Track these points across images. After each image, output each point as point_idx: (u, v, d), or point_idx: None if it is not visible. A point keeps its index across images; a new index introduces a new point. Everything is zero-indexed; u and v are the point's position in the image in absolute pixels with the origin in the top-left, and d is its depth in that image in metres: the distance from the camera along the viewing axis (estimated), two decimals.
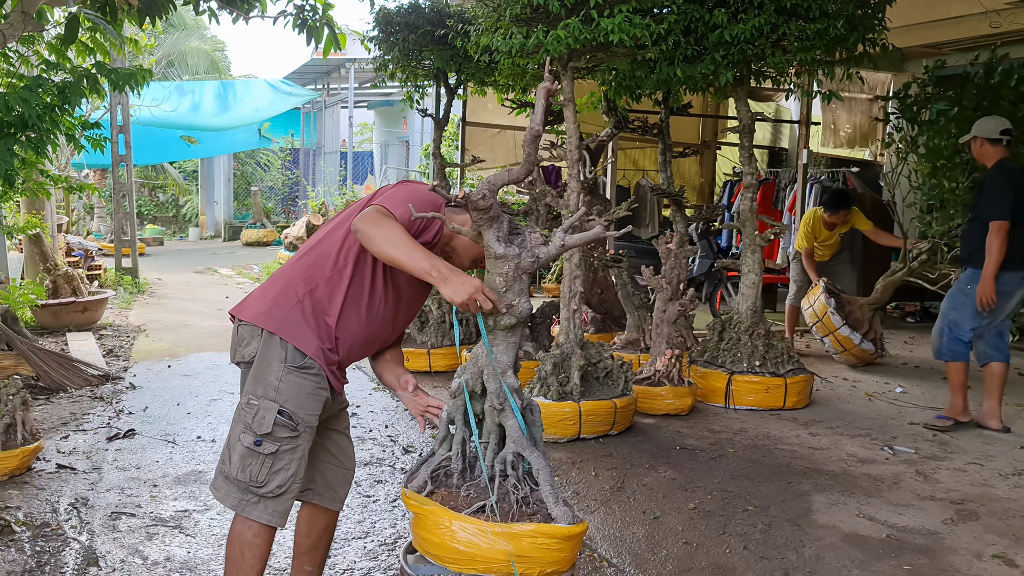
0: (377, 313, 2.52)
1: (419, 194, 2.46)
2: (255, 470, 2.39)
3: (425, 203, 2.45)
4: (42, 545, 3.54)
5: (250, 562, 2.46)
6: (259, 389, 2.41)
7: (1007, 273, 5.09)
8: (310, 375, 2.42)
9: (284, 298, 2.45)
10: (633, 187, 11.26)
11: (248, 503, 2.42)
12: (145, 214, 24.82)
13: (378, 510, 4.00)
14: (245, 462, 2.40)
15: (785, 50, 5.30)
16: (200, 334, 8.73)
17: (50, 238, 9.55)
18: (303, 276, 2.47)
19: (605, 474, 4.32)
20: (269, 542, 2.50)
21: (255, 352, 2.43)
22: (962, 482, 4.24)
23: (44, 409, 5.58)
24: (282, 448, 2.40)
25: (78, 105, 5.23)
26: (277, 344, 2.41)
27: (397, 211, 2.37)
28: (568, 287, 5.10)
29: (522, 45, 4.74)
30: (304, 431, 2.43)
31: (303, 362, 2.41)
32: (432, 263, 2.28)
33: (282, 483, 2.41)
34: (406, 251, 2.28)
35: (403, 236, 2.31)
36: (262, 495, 2.41)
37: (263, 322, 2.42)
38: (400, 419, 5.58)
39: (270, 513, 2.44)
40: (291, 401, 2.39)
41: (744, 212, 5.85)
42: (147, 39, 9.18)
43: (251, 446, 2.38)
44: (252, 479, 2.39)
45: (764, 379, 5.55)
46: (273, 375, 2.40)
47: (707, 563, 3.35)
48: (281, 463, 2.40)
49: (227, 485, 2.45)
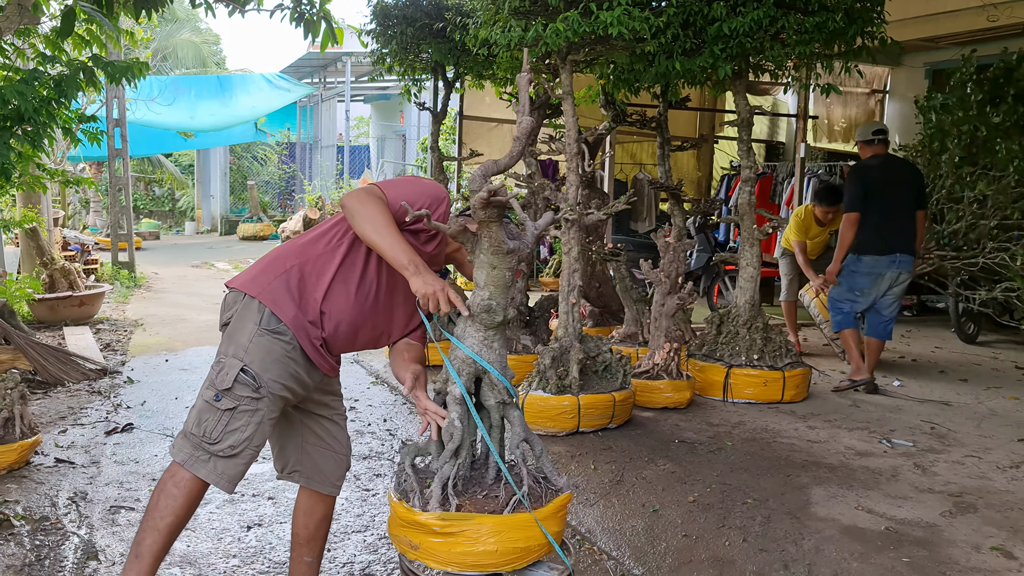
0: (368, 296, 2.53)
1: (423, 183, 2.49)
2: (210, 426, 2.35)
3: (424, 193, 2.46)
4: (41, 539, 3.53)
5: (162, 510, 2.37)
6: (230, 349, 2.42)
7: (868, 257, 5.99)
8: (281, 340, 2.42)
9: (272, 268, 2.49)
10: (631, 181, 11.26)
11: (198, 459, 2.36)
12: (141, 208, 24.77)
13: (377, 504, 4.00)
14: (202, 416, 2.37)
15: (784, 43, 5.29)
16: (197, 328, 8.72)
17: (46, 232, 9.53)
18: (296, 251, 2.52)
19: (604, 467, 4.33)
20: (189, 496, 2.39)
21: (232, 315, 2.48)
22: (960, 475, 4.25)
23: (42, 403, 5.57)
24: (240, 407, 2.36)
25: (74, 98, 5.21)
26: (255, 308, 2.43)
27: (390, 193, 2.38)
28: (567, 281, 5.10)
29: (521, 38, 4.72)
30: (266, 396, 2.39)
31: (276, 327, 2.41)
32: (409, 257, 2.31)
33: (235, 444, 2.36)
34: (387, 238, 2.30)
35: (387, 221, 2.32)
36: (213, 452, 2.36)
37: (247, 287, 2.47)
38: (399, 413, 5.58)
39: (218, 474, 2.37)
40: (257, 363, 2.38)
41: (742, 206, 5.84)
42: (143, 32, 9.14)
43: (210, 400, 2.37)
44: (206, 434, 2.35)
45: (762, 372, 5.55)
46: (245, 336, 2.41)
47: (706, 556, 3.35)
48: (238, 423, 2.36)
49: (182, 440, 2.40)
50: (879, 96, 11.42)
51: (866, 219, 5.96)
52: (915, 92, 9.31)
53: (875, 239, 5.96)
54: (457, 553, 2.38)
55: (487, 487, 2.52)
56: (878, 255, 5.95)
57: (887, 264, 5.96)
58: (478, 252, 2.47)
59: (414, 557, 2.43)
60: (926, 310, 9.62)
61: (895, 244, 5.97)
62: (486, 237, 2.43)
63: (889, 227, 5.99)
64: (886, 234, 5.96)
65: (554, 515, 2.51)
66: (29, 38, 5.97)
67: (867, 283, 6.02)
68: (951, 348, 7.77)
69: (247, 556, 3.42)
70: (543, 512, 2.46)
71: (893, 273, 5.98)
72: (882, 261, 5.95)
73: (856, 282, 6.08)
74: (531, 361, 5.42)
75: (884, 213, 5.96)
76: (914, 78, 10.36)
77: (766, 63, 5.79)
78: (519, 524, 2.41)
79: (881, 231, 5.94)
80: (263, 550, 3.48)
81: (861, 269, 6.04)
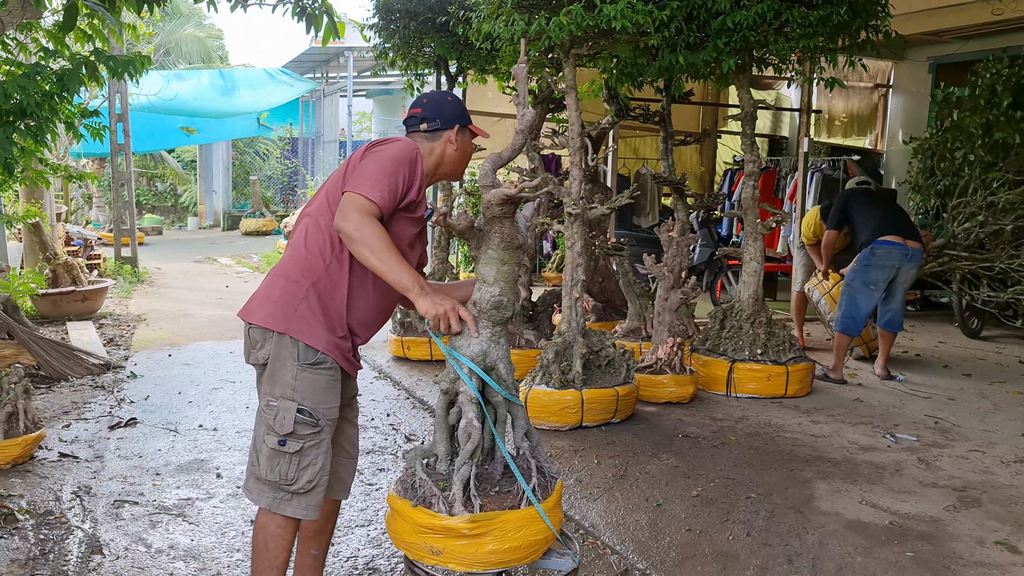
0: (385, 284, 2.50)
1: (392, 158, 2.42)
2: (283, 469, 2.42)
3: (399, 167, 2.41)
4: (46, 533, 3.54)
5: (274, 552, 2.49)
6: (276, 390, 2.42)
7: (882, 249, 6.11)
8: (324, 370, 2.44)
9: (289, 296, 2.45)
10: (633, 175, 11.24)
11: (281, 500, 2.45)
12: (144, 203, 24.78)
13: (380, 498, 4.00)
14: (273, 462, 2.42)
15: (788, 37, 5.28)
16: (200, 323, 8.73)
17: (49, 227, 9.53)
18: (302, 270, 2.46)
19: (607, 462, 4.32)
20: (293, 532, 2.51)
21: (268, 354, 2.45)
22: (964, 469, 4.24)
23: (45, 398, 5.58)
24: (307, 445, 2.43)
25: (77, 93, 5.20)
26: (288, 343, 2.42)
27: (376, 195, 2.33)
28: (570, 275, 5.09)
29: (524, 32, 4.71)
30: (325, 425, 2.46)
31: (316, 358, 2.42)
32: (413, 280, 2.32)
33: (311, 478, 2.45)
34: (388, 264, 2.29)
35: (384, 245, 2.30)
36: (294, 492, 2.44)
37: (272, 323, 2.43)
38: (402, 407, 5.58)
39: (304, 508, 2.47)
40: (309, 398, 2.41)
41: (746, 200, 5.83)
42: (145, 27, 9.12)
43: (276, 447, 2.41)
44: (282, 478, 2.42)
45: (766, 367, 5.54)
46: (288, 374, 2.41)
47: (710, 550, 3.35)
48: (308, 459, 2.43)
49: (259, 486, 2.46)
50: (883, 90, 11.39)
51: (869, 217, 6.17)
52: (919, 86, 9.31)
53: (887, 226, 6.09)
54: (484, 553, 2.37)
55: (496, 482, 2.51)
56: (893, 245, 6.03)
57: (901, 256, 6.02)
58: (486, 248, 2.46)
59: (434, 562, 2.41)
60: (929, 305, 9.61)
61: (908, 233, 6.10)
62: (497, 233, 2.42)
63: (895, 220, 6.14)
64: (896, 226, 6.10)
65: (556, 504, 2.54)
66: (31, 32, 5.96)
67: (881, 276, 6.07)
68: (955, 343, 7.76)
69: (251, 551, 3.41)
70: (549, 503, 2.48)
71: (907, 269, 6.09)
72: (896, 252, 6.02)
73: (870, 275, 6.09)
74: (534, 356, 5.42)
75: (885, 211, 6.18)
76: (918, 72, 10.33)
77: (770, 57, 5.77)
78: (537, 516, 2.42)
79: (892, 220, 6.12)
80: None
81: (875, 262, 6.07)
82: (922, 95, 10.09)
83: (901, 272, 6.11)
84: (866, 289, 6.10)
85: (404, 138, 2.57)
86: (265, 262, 14.68)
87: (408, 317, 6.89)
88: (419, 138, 2.65)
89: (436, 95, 2.75)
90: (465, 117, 2.70)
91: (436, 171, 2.68)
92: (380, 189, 2.35)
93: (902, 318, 6.28)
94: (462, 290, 2.69)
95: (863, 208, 6.32)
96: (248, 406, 5.52)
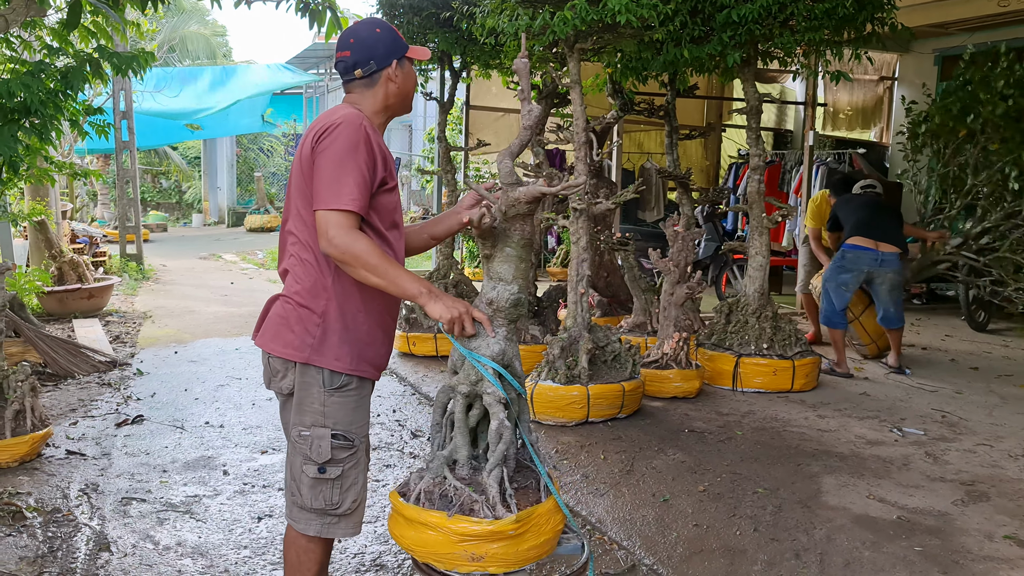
0: None
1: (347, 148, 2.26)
2: (328, 495, 2.39)
3: (358, 155, 2.26)
4: (54, 530, 3.55)
5: (307, 565, 2.47)
6: (307, 419, 2.38)
7: (851, 253, 6.19)
8: (351, 391, 2.40)
9: (306, 322, 2.36)
10: (638, 170, 11.23)
11: (330, 525, 2.42)
12: (148, 200, 24.81)
13: (386, 494, 4.00)
14: (316, 491, 2.39)
15: (793, 30, 5.26)
16: (206, 320, 8.73)
17: (55, 225, 9.53)
18: (310, 294, 2.36)
19: (614, 457, 4.32)
20: (325, 545, 2.49)
21: (292, 384, 2.40)
22: (972, 463, 4.23)
23: (52, 395, 5.59)
24: (346, 468, 2.40)
25: (81, 90, 5.21)
26: (313, 372, 2.36)
27: (347, 202, 2.20)
28: (575, 270, 5.08)
29: (528, 26, 4.70)
30: (360, 444, 2.44)
31: (340, 382, 2.37)
32: (419, 286, 2.27)
33: (356, 497, 2.43)
34: (388, 277, 2.23)
35: (378, 260, 2.21)
36: (341, 515, 2.42)
37: (293, 355, 2.37)
38: (407, 403, 5.58)
39: (353, 527, 2.46)
40: (342, 423, 2.38)
41: (751, 194, 5.81)
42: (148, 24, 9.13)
43: (317, 475, 2.37)
44: (328, 503, 2.39)
45: (772, 361, 5.53)
46: (317, 402, 2.37)
47: (717, 545, 3.35)
48: (349, 480, 2.41)
49: (305, 515, 2.42)
50: (888, 83, 11.35)
51: (848, 218, 6.33)
52: (924, 79, 9.26)
53: (861, 229, 6.19)
54: (524, 550, 2.35)
55: (511, 479, 2.50)
56: (861, 250, 6.10)
57: (870, 260, 6.08)
58: (503, 246, 2.41)
59: (472, 569, 2.34)
60: (935, 298, 9.59)
61: (884, 237, 6.13)
62: (518, 231, 2.39)
63: (873, 223, 6.20)
64: (871, 229, 6.16)
65: (559, 489, 2.55)
66: (36, 30, 5.97)
67: (850, 279, 6.15)
68: (961, 336, 7.73)
69: (258, 547, 3.42)
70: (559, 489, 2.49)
71: (881, 272, 6.11)
72: (864, 257, 6.08)
73: (840, 277, 6.19)
74: (540, 351, 5.41)
75: (866, 213, 6.26)
76: (923, 64, 10.28)
77: (775, 50, 5.75)
78: (556, 506, 2.42)
79: (867, 226, 6.19)
80: (274, 541, 3.48)
81: (845, 265, 6.16)
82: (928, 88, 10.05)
83: (876, 275, 6.13)
84: (839, 289, 6.19)
85: (343, 113, 2.33)
86: (270, 258, 14.69)
87: (414, 314, 6.89)
88: (358, 90, 2.45)
89: (362, 30, 2.46)
90: (400, 46, 2.47)
91: (386, 116, 2.51)
92: (349, 193, 2.22)
93: (896, 314, 6.23)
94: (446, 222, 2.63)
95: (848, 209, 6.42)
96: (254, 403, 5.53)
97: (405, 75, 2.48)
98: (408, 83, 2.50)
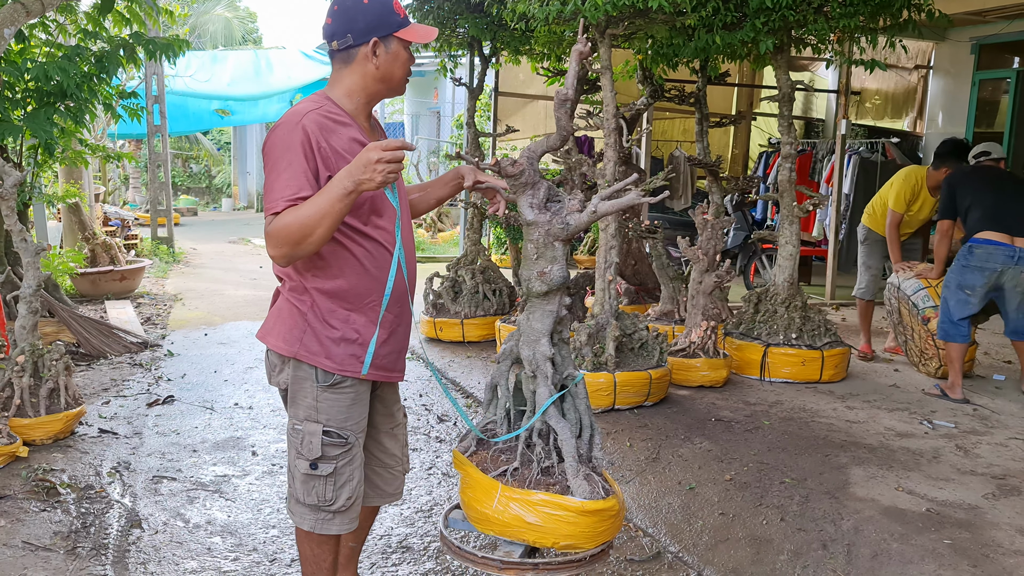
0: (383, 258, 2.32)
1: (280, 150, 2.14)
2: (320, 491, 2.36)
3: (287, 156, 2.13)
4: (87, 507, 3.61)
5: (320, 556, 2.46)
6: (300, 412, 2.34)
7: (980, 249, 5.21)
8: (345, 388, 2.34)
9: (295, 316, 2.31)
10: (666, 158, 11.15)
11: (324, 521, 2.39)
12: (179, 184, 25.07)
13: (414, 478, 4.03)
14: (308, 486, 2.36)
15: (828, 16, 5.17)
16: (235, 303, 8.82)
17: (88, 207, 9.67)
18: (293, 288, 2.32)
19: (640, 445, 4.31)
20: (332, 539, 2.46)
21: (288, 380, 2.36)
22: (1003, 457, 4.18)
23: (85, 375, 5.68)
24: (339, 465, 2.35)
25: (115, 75, 5.27)
26: (305, 367, 2.31)
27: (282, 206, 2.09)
28: (604, 258, 5.07)
29: (559, 12, 4.67)
30: (354, 441, 2.38)
31: (334, 380, 2.31)
32: (331, 190, 2.07)
33: (350, 494, 2.39)
34: (311, 213, 2.06)
35: (296, 216, 2.07)
36: (335, 511, 2.39)
37: (285, 349, 2.32)
38: (434, 388, 5.60)
39: (348, 523, 2.42)
40: (334, 419, 2.33)
41: (783, 183, 5.75)
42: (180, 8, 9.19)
43: (309, 471, 2.34)
44: (321, 500, 2.36)
45: (800, 352, 5.49)
46: (309, 397, 2.33)
47: (743, 534, 3.34)
48: (343, 478, 2.37)
49: (299, 508, 2.40)
50: (922, 71, 11.17)
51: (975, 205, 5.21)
52: (960, 68, 9.09)
53: (991, 219, 5.14)
54: (462, 495, 2.47)
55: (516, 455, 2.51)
56: (993, 245, 5.09)
57: (1004, 258, 5.09)
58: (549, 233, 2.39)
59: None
60: None
61: (1018, 228, 5.12)
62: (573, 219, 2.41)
63: (1005, 210, 5.17)
64: (1004, 218, 5.13)
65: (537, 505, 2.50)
66: (70, 15, 6.04)
67: (978, 281, 5.15)
68: (992, 329, 7.62)
69: (286, 527, 3.46)
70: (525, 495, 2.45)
71: (1016, 273, 5.10)
72: (997, 254, 5.09)
73: (965, 278, 5.20)
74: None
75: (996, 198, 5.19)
76: (959, 53, 10.10)
77: (808, 37, 5.67)
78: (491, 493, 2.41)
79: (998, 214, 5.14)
80: None
81: (972, 263, 5.18)
82: (964, 77, 9.87)
83: (1007, 276, 5.10)
84: (960, 293, 5.19)
85: (287, 113, 2.21)
86: None
87: (440, 299, 6.90)
88: (336, 65, 2.28)
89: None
90: (387, 23, 2.22)
91: (363, 100, 2.30)
92: (280, 193, 2.10)
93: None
94: (444, 188, 2.59)
95: (971, 192, 5.26)
96: None
97: (391, 57, 2.25)
98: (393, 67, 2.28)
